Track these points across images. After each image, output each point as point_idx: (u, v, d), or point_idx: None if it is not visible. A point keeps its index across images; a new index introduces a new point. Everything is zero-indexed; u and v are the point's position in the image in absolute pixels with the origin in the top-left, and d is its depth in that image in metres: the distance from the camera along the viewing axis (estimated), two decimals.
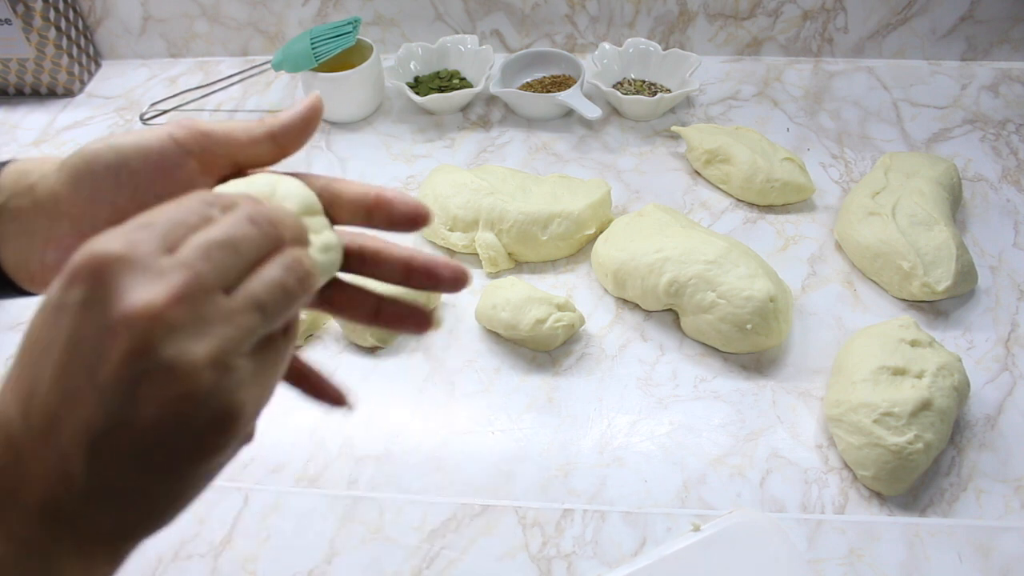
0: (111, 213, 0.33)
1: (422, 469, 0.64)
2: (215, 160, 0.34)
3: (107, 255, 0.25)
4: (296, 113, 0.34)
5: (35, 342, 0.26)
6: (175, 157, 0.33)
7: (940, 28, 1.00)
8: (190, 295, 0.25)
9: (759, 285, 0.67)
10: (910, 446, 0.58)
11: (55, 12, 1.01)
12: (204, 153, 0.33)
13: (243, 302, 0.27)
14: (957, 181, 0.80)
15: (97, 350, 0.25)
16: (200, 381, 0.25)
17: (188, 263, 0.26)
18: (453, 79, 1.00)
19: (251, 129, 0.34)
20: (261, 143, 0.34)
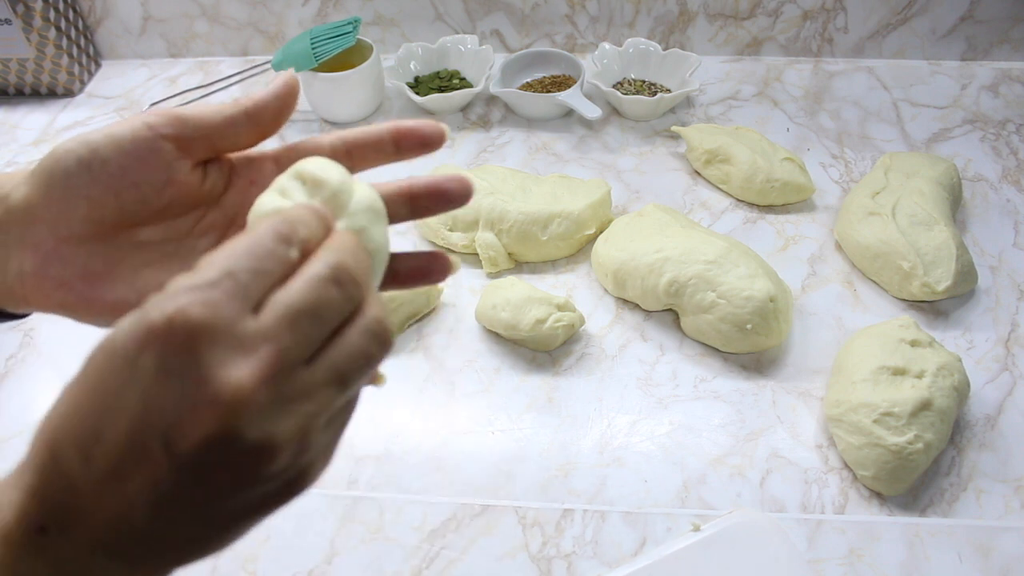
0: (87, 208, 0.32)
1: (422, 469, 0.64)
2: (191, 144, 0.33)
3: (190, 323, 0.24)
4: (270, 92, 0.34)
5: (102, 389, 0.25)
6: (149, 142, 0.32)
7: (940, 28, 1.00)
8: (276, 373, 0.25)
9: (759, 285, 0.67)
10: (910, 446, 0.58)
11: (55, 12, 1.01)
12: (180, 138, 0.32)
13: (324, 375, 0.26)
14: (957, 181, 0.80)
15: (177, 423, 0.24)
16: (279, 460, 0.25)
17: (274, 336, 0.25)
18: (453, 79, 1.00)
19: (226, 111, 0.33)
20: (237, 124, 0.33)
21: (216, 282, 0.25)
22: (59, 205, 0.32)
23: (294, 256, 0.27)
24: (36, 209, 0.32)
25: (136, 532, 0.25)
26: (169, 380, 0.24)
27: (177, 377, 0.24)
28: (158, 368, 0.24)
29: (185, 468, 0.24)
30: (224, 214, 0.36)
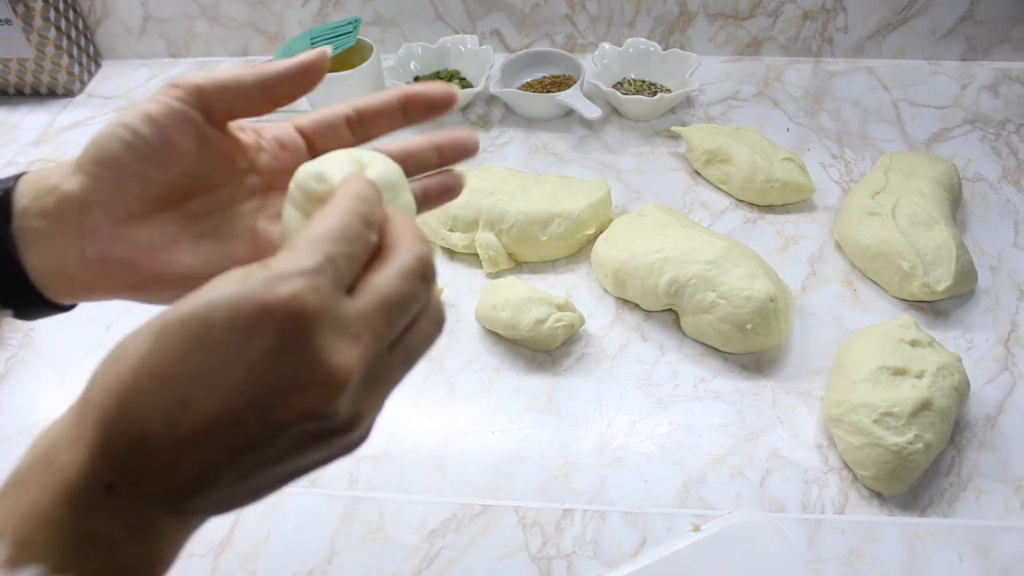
0: (140, 186, 0.34)
1: (422, 469, 0.64)
2: (214, 111, 0.35)
3: (305, 309, 0.25)
4: (292, 67, 0.35)
5: (196, 361, 0.25)
6: (181, 114, 0.34)
7: (940, 28, 1.00)
8: (372, 358, 0.27)
9: (759, 285, 0.67)
10: (910, 446, 0.58)
11: (55, 12, 1.01)
12: (202, 107, 0.34)
13: (401, 358, 0.29)
14: (957, 181, 0.80)
15: (282, 399, 0.26)
16: (358, 433, 0.29)
17: (373, 324, 0.27)
18: (453, 79, 1.00)
19: (240, 77, 0.34)
20: (250, 93, 0.35)
21: (321, 268, 0.26)
22: (112, 187, 0.33)
23: (374, 240, 0.29)
24: (90, 195, 0.33)
25: (207, 490, 0.27)
26: (281, 360, 0.25)
27: (291, 358, 0.25)
28: (271, 349, 0.25)
29: (276, 436, 0.26)
30: (261, 179, 0.38)
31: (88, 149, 0.33)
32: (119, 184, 0.33)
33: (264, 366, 0.25)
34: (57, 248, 0.34)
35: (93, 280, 0.34)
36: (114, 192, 0.33)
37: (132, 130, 0.33)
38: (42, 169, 0.35)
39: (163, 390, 0.26)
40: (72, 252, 0.34)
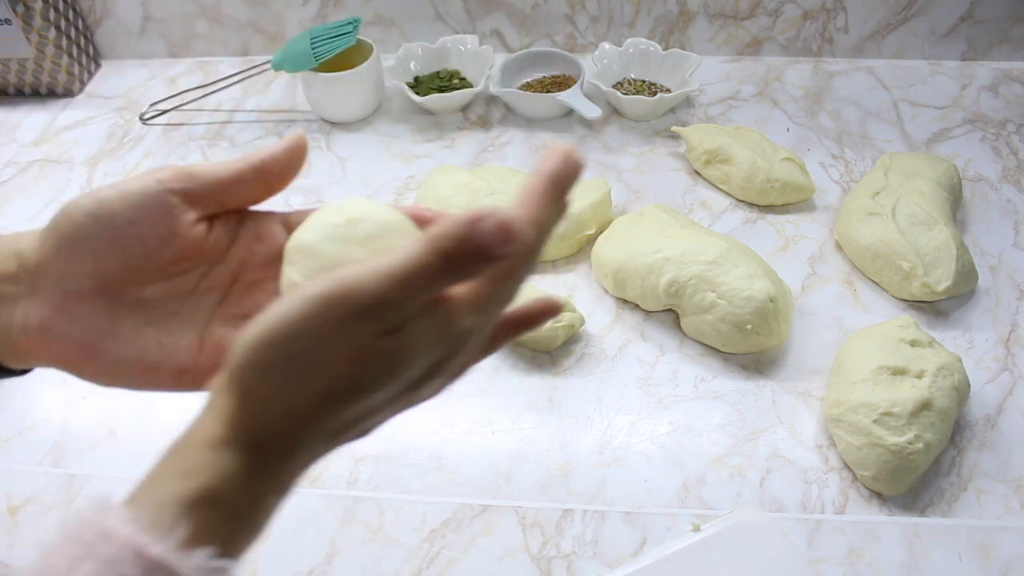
0: (93, 262, 0.33)
1: (422, 469, 0.64)
2: (199, 198, 0.34)
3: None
4: (280, 148, 0.35)
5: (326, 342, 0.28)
6: (156, 195, 0.33)
7: (940, 28, 1.00)
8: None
9: (759, 285, 0.67)
10: (910, 446, 0.58)
11: (55, 12, 1.01)
12: (187, 192, 0.34)
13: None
14: (957, 181, 0.80)
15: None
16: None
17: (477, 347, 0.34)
18: (453, 79, 1.00)
19: (234, 165, 0.34)
20: (245, 180, 0.34)
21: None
22: (67, 259, 0.33)
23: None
24: (46, 263, 0.33)
25: (316, 446, 0.32)
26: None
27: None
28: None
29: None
30: (228, 271, 0.36)
31: (56, 216, 0.33)
32: (74, 256, 0.33)
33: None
34: (7, 311, 0.33)
35: (31, 347, 0.34)
36: (69, 264, 0.33)
37: (101, 202, 0.32)
38: (12, 233, 0.35)
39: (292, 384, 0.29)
40: (19, 316, 0.33)
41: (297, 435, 0.30)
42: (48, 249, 0.33)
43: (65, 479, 0.64)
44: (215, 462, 0.29)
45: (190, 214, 0.34)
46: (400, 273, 0.27)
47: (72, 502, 0.63)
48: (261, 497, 0.30)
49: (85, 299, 0.33)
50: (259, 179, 0.35)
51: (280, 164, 0.35)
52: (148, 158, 0.96)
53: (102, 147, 0.98)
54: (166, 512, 0.27)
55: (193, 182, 0.34)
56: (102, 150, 0.97)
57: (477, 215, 0.26)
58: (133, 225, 0.33)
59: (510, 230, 0.27)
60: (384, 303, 0.28)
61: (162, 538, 0.26)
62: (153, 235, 0.33)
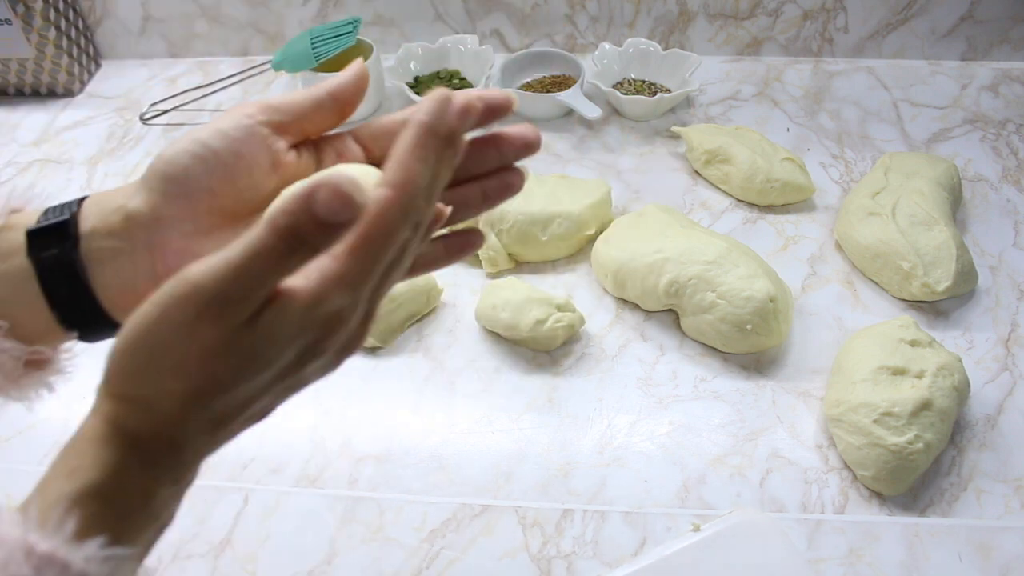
0: (209, 200, 0.34)
1: (422, 469, 0.64)
2: (285, 127, 0.35)
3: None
4: (347, 76, 0.36)
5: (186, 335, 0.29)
6: (251, 129, 0.34)
7: (940, 28, 1.00)
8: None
9: (759, 285, 0.67)
10: (910, 446, 0.58)
11: (55, 12, 1.01)
12: (273, 123, 0.35)
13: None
14: (957, 181, 0.80)
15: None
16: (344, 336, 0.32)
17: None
18: (453, 79, 1.00)
19: (312, 94, 0.36)
20: (323, 107, 0.36)
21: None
22: (181, 202, 0.34)
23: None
24: (159, 210, 0.34)
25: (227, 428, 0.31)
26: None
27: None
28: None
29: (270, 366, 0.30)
30: None
31: (155, 165, 0.34)
32: (188, 199, 0.34)
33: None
34: (127, 266, 0.34)
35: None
36: (183, 207, 0.34)
37: (203, 144, 0.33)
38: (102, 192, 0.36)
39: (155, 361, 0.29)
40: (143, 268, 0.34)
41: (175, 432, 0.30)
42: (158, 197, 0.34)
43: None
44: (100, 459, 0.29)
45: (281, 143, 0.35)
46: (239, 263, 0.26)
47: None
48: (152, 490, 0.30)
49: (207, 237, 0.35)
50: (334, 105, 0.36)
51: (350, 90, 0.36)
52: (148, 158, 0.96)
53: (102, 147, 0.98)
54: (54, 510, 0.28)
55: (279, 113, 0.35)
56: (102, 150, 0.97)
57: (314, 185, 0.25)
58: (239, 158, 0.34)
59: (348, 196, 0.25)
60: (225, 298, 0.27)
61: (51, 534, 0.27)
62: (258, 165, 0.34)
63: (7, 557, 0.26)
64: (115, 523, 0.29)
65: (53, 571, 0.26)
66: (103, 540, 0.28)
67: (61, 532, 0.27)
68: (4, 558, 0.26)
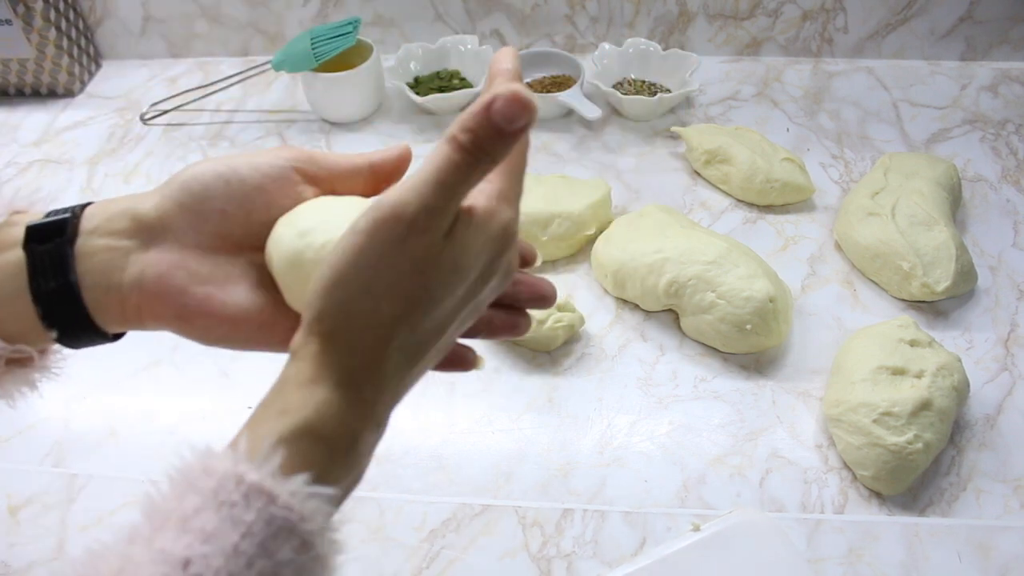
0: (219, 221, 0.35)
1: (422, 469, 0.64)
2: (318, 180, 0.37)
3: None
4: (392, 153, 0.38)
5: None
6: (283, 170, 0.36)
7: (939, 28, 1.00)
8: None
9: (758, 285, 0.67)
10: (910, 446, 0.58)
11: (55, 12, 1.01)
12: (307, 172, 0.36)
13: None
14: (957, 181, 0.80)
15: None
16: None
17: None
18: (453, 79, 1.00)
19: (353, 160, 0.37)
20: (359, 174, 0.37)
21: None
22: (191, 216, 0.35)
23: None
24: (167, 219, 0.35)
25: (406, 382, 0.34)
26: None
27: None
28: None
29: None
30: None
31: (180, 175, 0.35)
32: (200, 215, 0.34)
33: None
34: (118, 267, 0.34)
35: (143, 304, 0.35)
36: (192, 221, 0.34)
37: (233, 169, 0.35)
38: (110, 199, 0.36)
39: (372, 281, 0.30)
40: (132, 272, 0.34)
41: (384, 361, 0.31)
42: (171, 205, 0.35)
43: (66, 479, 0.64)
44: (310, 399, 0.30)
45: (309, 192, 0.37)
46: (435, 178, 0.29)
47: (73, 502, 0.63)
48: (358, 431, 0.31)
49: (204, 256, 0.35)
50: (371, 175, 0.38)
51: (391, 166, 0.38)
52: (149, 158, 0.96)
53: (102, 147, 0.98)
54: (264, 444, 0.29)
55: (315, 166, 0.36)
56: (102, 150, 0.97)
57: (489, 98, 0.29)
58: (260, 192, 0.35)
59: (523, 100, 0.29)
60: (431, 210, 0.29)
61: (259, 466, 0.28)
62: (277, 203, 0.35)
63: (218, 485, 0.27)
64: (322, 462, 0.30)
65: (260, 501, 0.27)
66: (309, 476, 0.29)
67: (269, 465, 0.28)
68: (215, 486, 0.27)
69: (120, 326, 0.36)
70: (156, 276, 0.34)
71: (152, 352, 0.73)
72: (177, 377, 0.71)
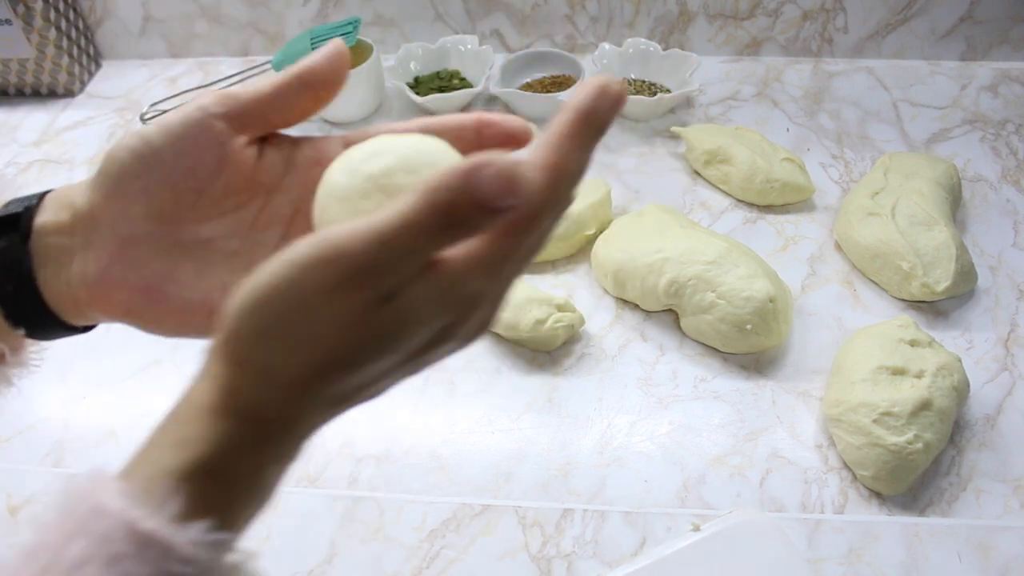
0: (145, 203, 0.32)
1: (422, 469, 0.64)
2: (244, 119, 0.32)
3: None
4: (320, 56, 0.32)
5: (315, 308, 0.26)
6: (199, 122, 0.31)
7: (940, 28, 1.00)
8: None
9: (758, 285, 0.67)
10: (910, 446, 0.58)
11: (55, 12, 1.01)
12: (231, 115, 0.32)
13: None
14: (957, 182, 0.80)
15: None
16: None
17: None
18: (453, 79, 1.00)
19: (278, 79, 0.32)
20: (289, 92, 0.32)
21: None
22: (117, 203, 0.32)
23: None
24: (97, 210, 0.32)
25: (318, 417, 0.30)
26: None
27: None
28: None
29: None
30: (288, 201, 0.34)
31: (103, 160, 0.32)
32: (124, 199, 0.32)
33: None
34: (66, 265, 0.33)
35: (92, 300, 0.33)
36: (120, 208, 0.32)
37: (145, 140, 0.31)
38: (67, 186, 0.34)
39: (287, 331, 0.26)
40: (77, 269, 0.32)
41: (296, 405, 0.28)
42: (98, 196, 0.32)
43: (66, 479, 0.64)
44: (212, 431, 0.27)
45: (238, 139, 0.32)
46: (391, 232, 0.24)
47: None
48: (262, 467, 0.29)
49: (141, 243, 0.32)
50: (305, 90, 0.32)
51: (324, 71, 0.32)
52: None
53: (102, 147, 0.98)
54: (160, 484, 0.26)
55: (236, 102, 0.32)
56: (102, 150, 0.97)
57: (477, 163, 0.24)
58: (180, 157, 0.31)
59: (514, 180, 0.24)
60: (374, 267, 0.25)
61: (155, 511, 0.25)
62: (202, 165, 0.32)
63: (108, 531, 0.25)
64: (223, 504, 0.27)
65: (155, 552, 0.24)
66: (210, 523, 0.26)
67: (166, 510, 0.25)
68: (105, 531, 0.25)
69: (81, 320, 0.34)
70: (97, 274, 0.32)
71: (152, 352, 0.73)
72: (177, 377, 0.71)
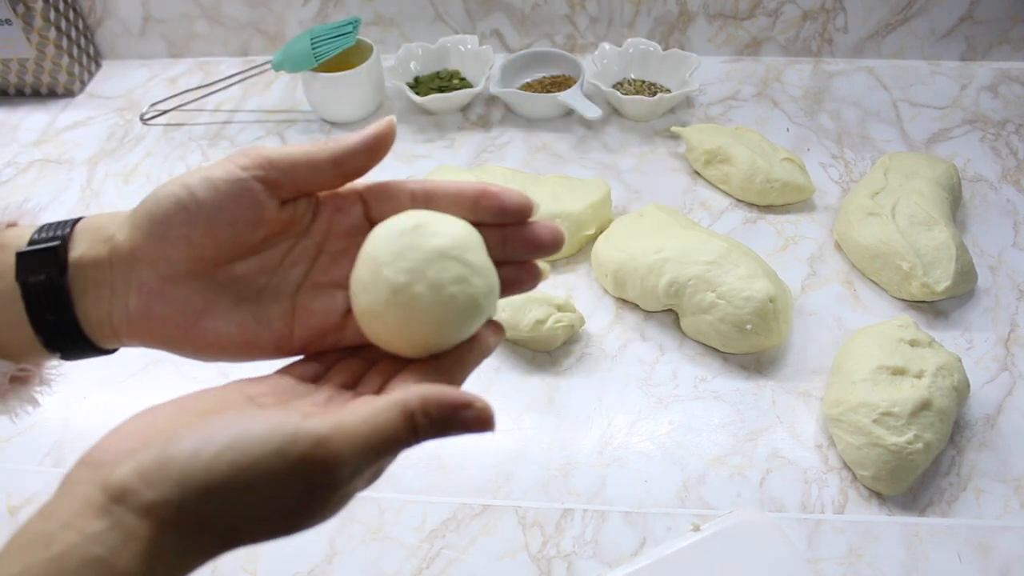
0: (187, 248, 0.34)
1: (422, 469, 0.64)
2: (279, 184, 0.34)
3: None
4: (362, 139, 0.35)
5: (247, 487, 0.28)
6: (241, 183, 0.33)
7: (940, 28, 1.00)
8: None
9: (758, 285, 0.67)
10: (910, 446, 0.58)
11: (55, 12, 1.01)
12: (267, 179, 0.34)
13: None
14: (957, 181, 0.80)
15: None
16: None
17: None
18: (453, 79, 1.00)
19: (313, 155, 0.34)
20: (322, 170, 0.34)
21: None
22: (160, 246, 0.34)
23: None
24: (139, 251, 0.34)
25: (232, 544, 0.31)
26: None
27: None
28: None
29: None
30: (313, 243, 0.37)
31: (145, 202, 0.34)
32: (167, 243, 0.34)
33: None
34: (106, 298, 0.34)
35: (133, 332, 0.35)
36: (161, 251, 0.34)
37: (190, 191, 0.33)
38: (100, 215, 0.35)
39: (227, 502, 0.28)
40: (118, 303, 0.34)
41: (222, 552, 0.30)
42: (140, 235, 0.34)
43: None
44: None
45: (273, 200, 0.34)
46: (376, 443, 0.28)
47: None
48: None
49: (181, 282, 0.34)
50: (336, 170, 0.35)
51: (360, 157, 0.35)
52: (148, 158, 0.96)
53: (102, 147, 0.98)
54: None
55: (275, 170, 0.34)
56: (102, 150, 0.97)
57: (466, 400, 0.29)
58: (222, 212, 0.33)
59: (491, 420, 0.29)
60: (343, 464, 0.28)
61: None
62: (242, 220, 0.34)
63: None
64: None
65: None
66: None
67: None
68: None
69: (119, 345, 0.37)
70: (139, 310, 0.34)
71: (152, 352, 0.73)
72: (177, 377, 0.71)
